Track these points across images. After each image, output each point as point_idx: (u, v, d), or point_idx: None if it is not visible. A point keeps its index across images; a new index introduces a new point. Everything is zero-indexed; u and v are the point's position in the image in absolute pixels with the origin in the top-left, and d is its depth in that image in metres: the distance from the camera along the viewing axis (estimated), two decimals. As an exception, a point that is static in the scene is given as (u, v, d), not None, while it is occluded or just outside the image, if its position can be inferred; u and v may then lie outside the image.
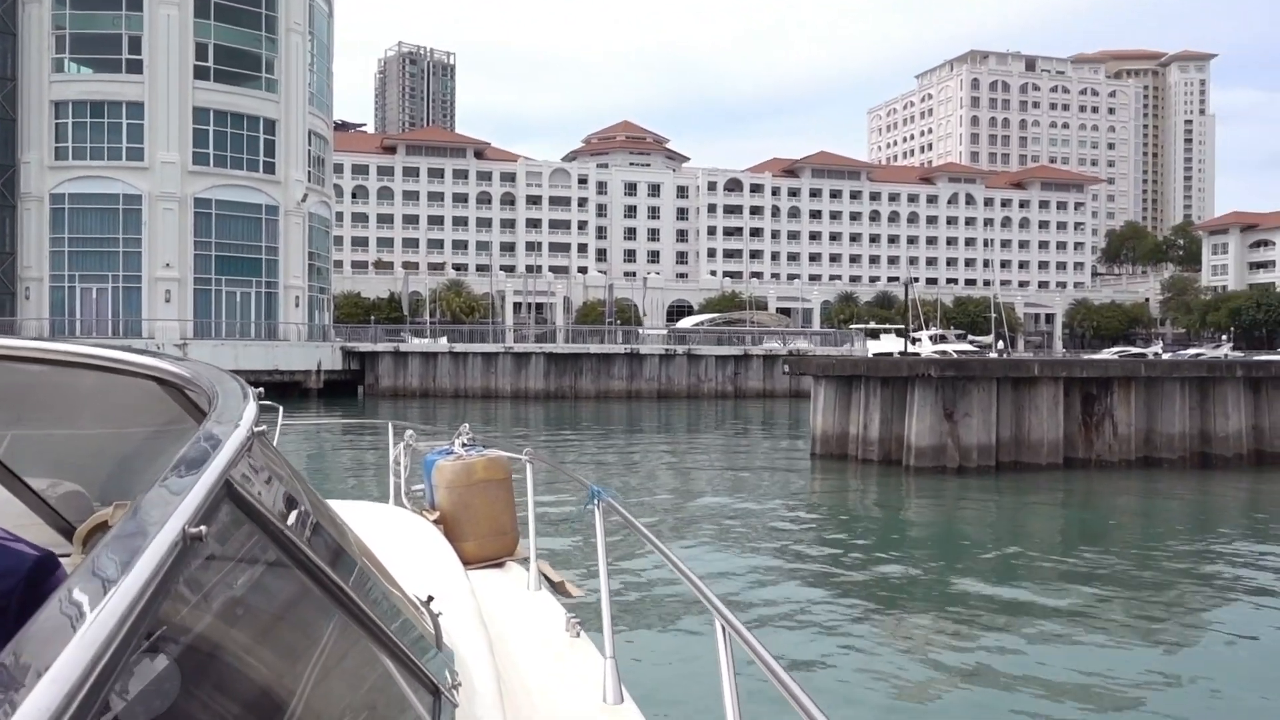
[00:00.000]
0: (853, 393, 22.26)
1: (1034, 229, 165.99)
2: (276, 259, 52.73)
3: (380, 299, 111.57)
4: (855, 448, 22.19)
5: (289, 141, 52.89)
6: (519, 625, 3.97)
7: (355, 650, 1.91)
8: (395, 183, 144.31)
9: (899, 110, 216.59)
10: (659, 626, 10.12)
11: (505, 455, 5.49)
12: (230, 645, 1.41)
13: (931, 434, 20.22)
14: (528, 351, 54.09)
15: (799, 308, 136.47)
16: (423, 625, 2.55)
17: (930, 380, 20.15)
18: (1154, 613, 11.82)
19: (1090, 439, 21.11)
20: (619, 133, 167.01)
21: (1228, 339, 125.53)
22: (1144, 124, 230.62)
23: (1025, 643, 10.23)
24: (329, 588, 1.81)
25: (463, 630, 3.04)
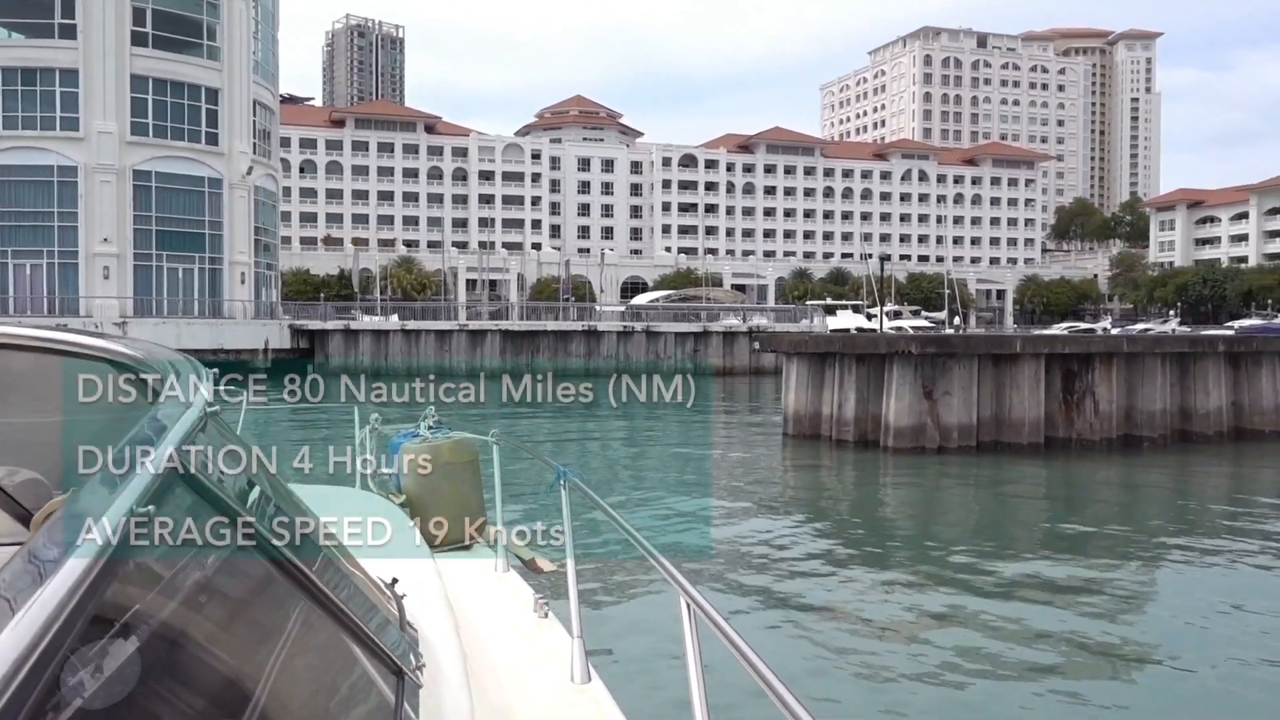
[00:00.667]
0: (826, 370, 21.44)
1: (985, 205, 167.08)
2: (221, 234, 50.78)
3: (330, 276, 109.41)
4: (829, 428, 21.41)
5: (232, 112, 50.87)
6: (486, 606, 3.95)
7: (317, 633, 1.89)
8: (344, 157, 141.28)
9: (852, 86, 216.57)
10: (627, 605, 10.19)
11: (471, 437, 5.46)
12: (190, 629, 1.41)
13: (910, 413, 19.48)
14: (483, 329, 52.85)
15: (754, 284, 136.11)
16: (386, 607, 2.52)
17: (909, 357, 19.38)
18: (1135, 596, 11.61)
19: (1071, 417, 20.51)
20: (572, 107, 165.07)
21: (1175, 314, 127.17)
22: (1092, 102, 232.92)
23: (1004, 625, 10.12)
24: (289, 570, 1.78)
25: (428, 612, 3.04)
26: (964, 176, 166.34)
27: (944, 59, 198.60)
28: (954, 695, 8.39)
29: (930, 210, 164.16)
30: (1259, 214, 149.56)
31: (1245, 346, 22.07)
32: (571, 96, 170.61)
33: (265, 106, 54.63)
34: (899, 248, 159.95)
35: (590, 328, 53.35)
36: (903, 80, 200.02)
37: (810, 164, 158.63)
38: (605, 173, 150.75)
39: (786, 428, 22.40)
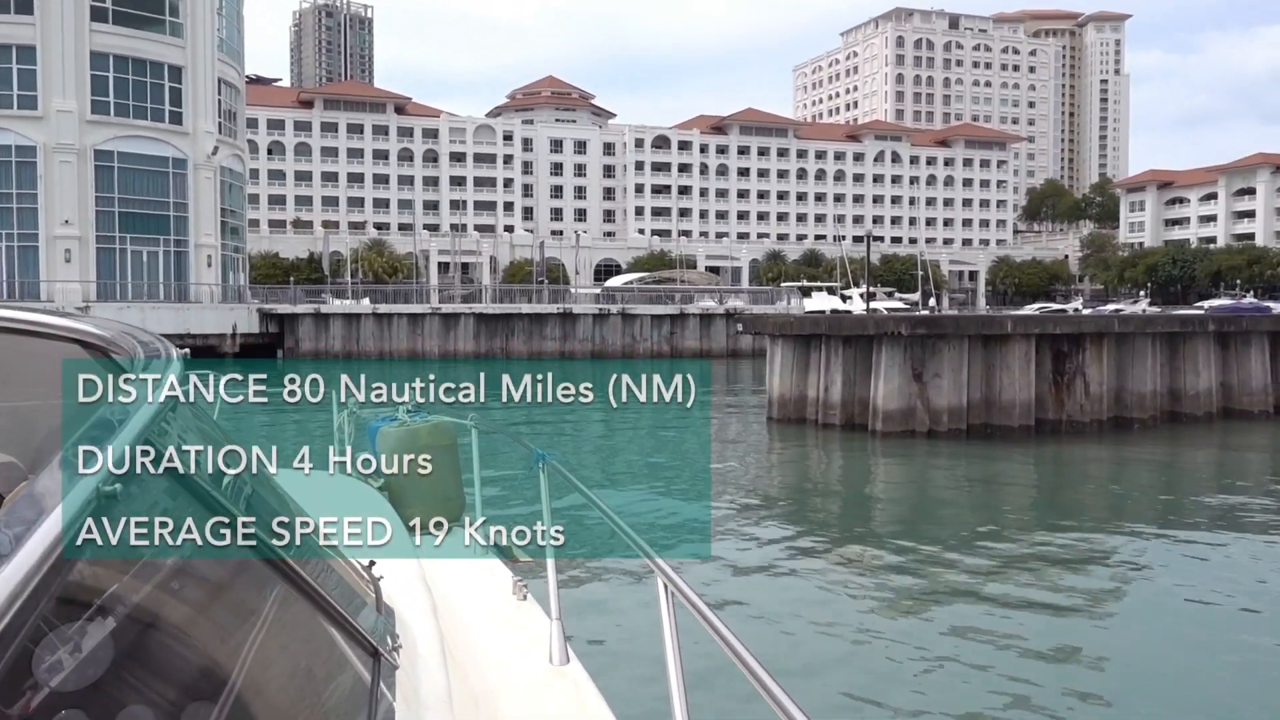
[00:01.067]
0: (811, 353, 20.92)
1: (958, 187, 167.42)
2: (186, 216, 49.55)
3: (300, 259, 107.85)
4: (815, 411, 20.90)
5: (197, 90, 49.59)
6: (465, 589, 3.93)
7: (294, 615, 1.90)
8: (313, 139, 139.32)
9: (824, 68, 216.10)
10: (605, 588, 10.25)
11: (450, 421, 5.43)
12: (163, 611, 1.42)
13: (899, 396, 18.99)
14: (456, 312, 52.01)
15: (728, 266, 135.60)
16: (362, 589, 2.52)
17: (898, 339, 18.87)
18: (1128, 583, 11.45)
19: (1061, 399, 20.12)
20: (544, 88, 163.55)
21: (1145, 295, 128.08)
22: (1062, 84, 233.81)
23: (992, 610, 10.00)
24: (256, 547, 1.79)
25: (405, 594, 3.03)
26: (936, 158, 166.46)
27: (916, 40, 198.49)
28: (938, 679, 8.32)
29: (903, 192, 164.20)
30: (1227, 195, 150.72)
31: (1235, 326, 21.77)
32: (544, 77, 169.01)
33: (230, 85, 53.35)
34: (872, 229, 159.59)
35: (565, 310, 52.61)
36: (875, 61, 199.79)
37: (784, 145, 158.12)
38: (578, 154, 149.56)
39: (771, 411, 21.86)
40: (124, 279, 48.12)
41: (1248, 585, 11.32)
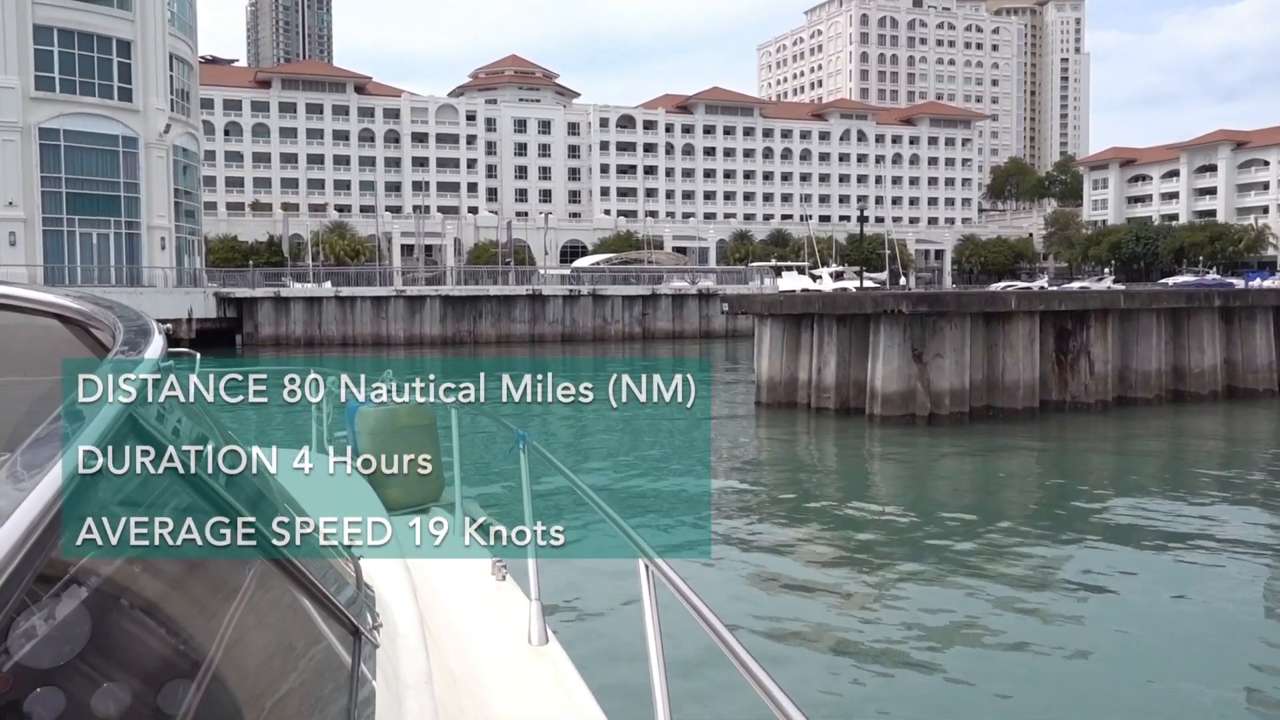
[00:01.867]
0: (802, 333, 19.81)
1: (924, 165, 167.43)
2: (137, 197, 47.51)
3: (259, 243, 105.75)
4: (807, 395, 19.81)
5: (147, 66, 47.50)
6: (445, 569, 3.94)
7: (274, 592, 1.90)
8: (271, 119, 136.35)
9: (789, 47, 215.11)
10: (585, 568, 10.21)
11: (430, 401, 4.05)
12: (143, 587, 1.44)
13: (899, 378, 17.92)
14: (422, 295, 50.48)
15: (695, 246, 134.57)
16: (342, 567, 2.48)
17: (898, 317, 17.77)
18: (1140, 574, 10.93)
19: (1065, 379, 19.18)
20: (507, 67, 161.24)
21: (1109, 272, 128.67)
22: (1024, 62, 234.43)
23: (991, 601, 9.66)
24: None
25: (385, 573, 3.03)
26: (902, 136, 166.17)
27: (880, 18, 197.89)
28: (933, 668, 8.08)
29: (869, 170, 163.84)
30: (1189, 172, 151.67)
31: (1240, 301, 20.93)
32: (506, 56, 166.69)
33: (183, 61, 51.26)
34: (838, 208, 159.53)
35: (535, 292, 51.21)
36: (839, 40, 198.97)
37: (749, 124, 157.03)
38: (542, 134, 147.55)
39: (760, 395, 20.72)
40: (72, 262, 46.08)
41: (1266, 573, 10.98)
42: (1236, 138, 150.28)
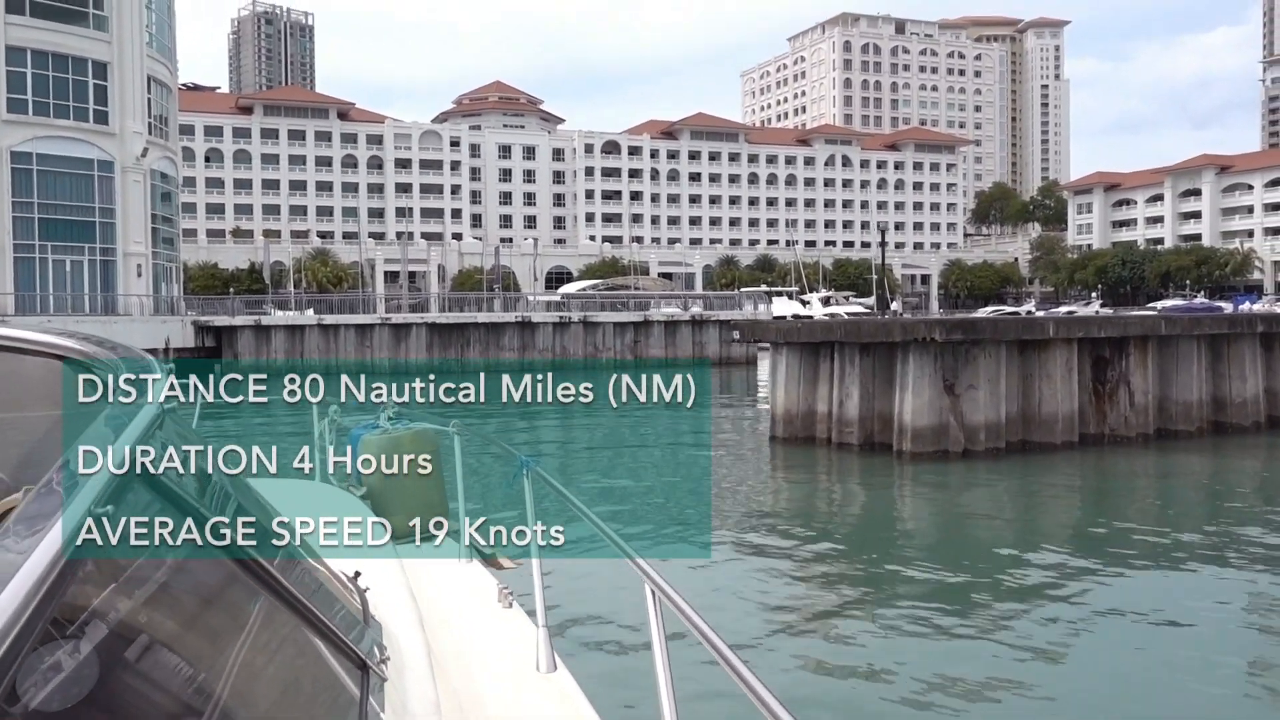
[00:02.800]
0: (821, 363, 18.49)
1: (909, 190, 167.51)
2: (113, 222, 45.94)
3: (240, 270, 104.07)
4: (827, 429, 18.46)
5: (124, 88, 46.08)
6: (450, 597, 3.94)
7: (280, 628, 1.92)
8: (253, 145, 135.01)
9: (772, 73, 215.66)
10: (591, 595, 10.00)
11: (432, 428, 5.41)
12: (150, 628, 1.45)
13: (930, 411, 16.60)
14: (407, 323, 49.02)
15: (681, 272, 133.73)
16: (349, 601, 2.51)
17: (929, 346, 16.47)
18: (1200, 626, 10.05)
19: (1103, 410, 17.91)
20: (491, 93, 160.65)
21: (1096, 296, 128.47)
22: (1006, 88, 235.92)
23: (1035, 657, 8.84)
24: (250, 566, 1.81)
25: (392, 605, 3.03)
26: (886, 161, 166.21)
27: (863, 45, 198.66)
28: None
29: (854, 195, 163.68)
30: (1173, 196, 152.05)
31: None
32: (491, 82, 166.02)
33: (161, 83, 49.85)
34: (824, 233, 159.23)
35: (524, 319, 49.82)
36: (823, 66, 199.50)
37: (735, 150, 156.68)
38: (527, 160, 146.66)
39: (774, 429, 19.35)
40: (45, 290, 44.39)
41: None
42: (1220, 162, 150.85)
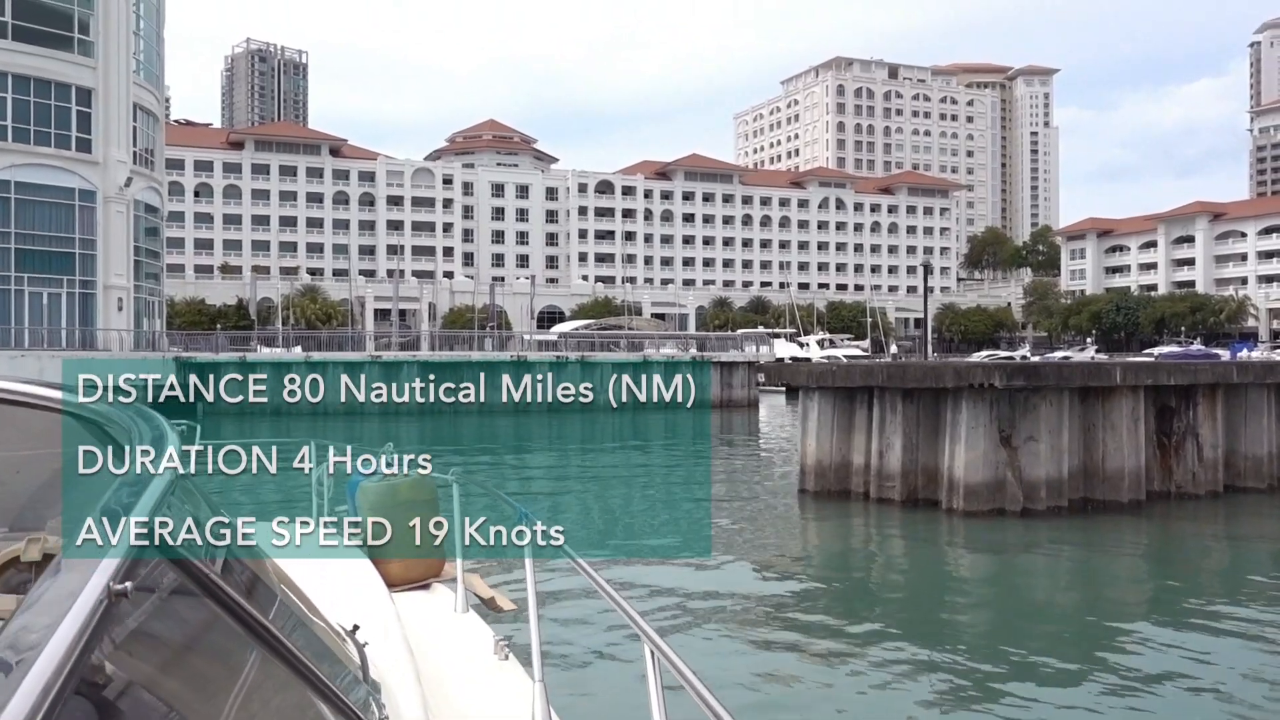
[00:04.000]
0: (857, 410, 16.81)
1: (902, 234, 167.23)
2: (93, 254, 44.18)
3: (227, 307, 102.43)
4: (864, 483, 16.73)
5: (109, 115, 44.53)
6: (447, 649, 3.90)
7: (280, 689, 1.92)
8: (243, 181, 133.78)
9: (765, 116, 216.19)
10: (590, 650, 9.77)
11: (432, 476, 5.33)
12: (154, 691, 1.46)
13: (985, 465, 14.90)
14: (398, 360, 47.24)
15: (675, 313, 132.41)
16: (347, 658, 2.52)
17: (984, 393, 14.81)
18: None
19: (1169, 465, 16.25)
20: (485, 131, 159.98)
21: (1092, 341, 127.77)
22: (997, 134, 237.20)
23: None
24: (253, 628, 1.83)
25: (389, 659, 3.06)
26: (880, 205, 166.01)
27: (856, 89, 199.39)
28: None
29: (847, 238, 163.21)
30: (1167, 243, 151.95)
31: (1352, 374, 18.19)
32: (484, 121, 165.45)
33: (148, 112, 48.35)
34: (817, 276, 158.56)
35: (520, 358, 48.08)
36: (816, 109, 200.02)
37: (729, 191, 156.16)
38: (520, 199, 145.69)
39: (804, 482, 17.59)
40: (20, 323, 42.47)
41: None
42: (1213, 209, 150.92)
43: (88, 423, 2.50)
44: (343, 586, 3.78)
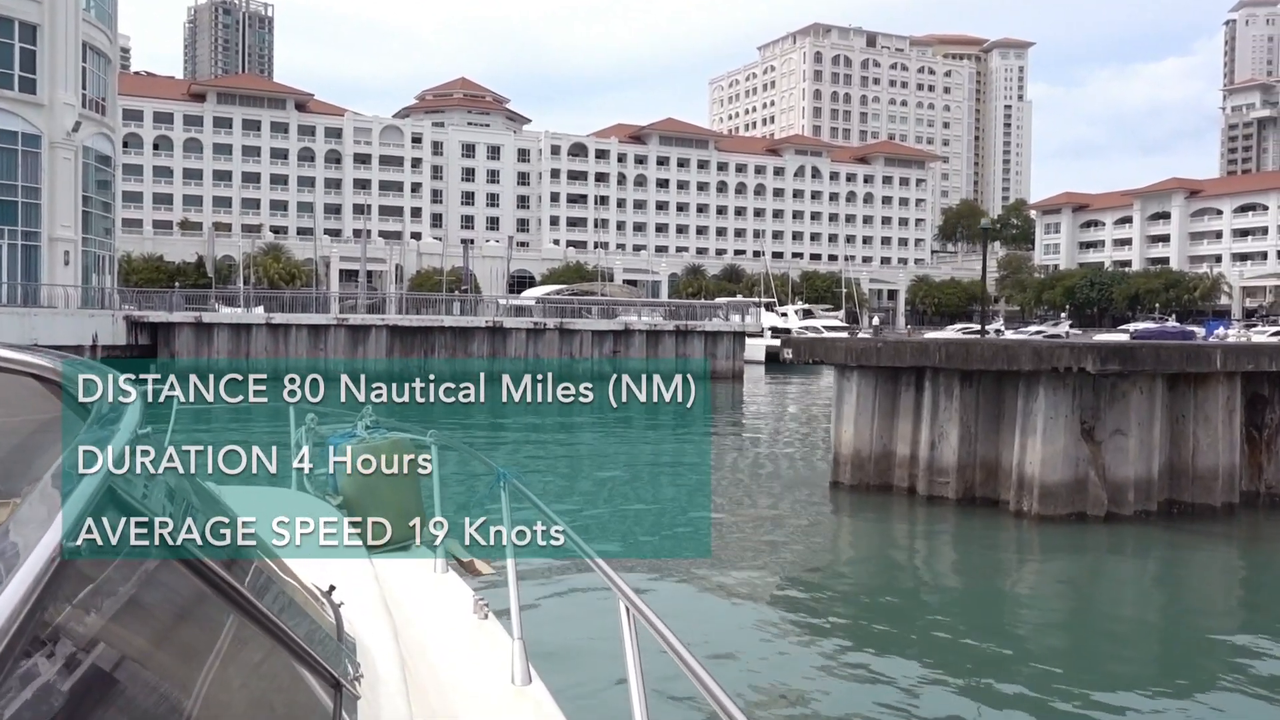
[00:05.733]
0: (902, 392, 14.60)
1: (878, 204, 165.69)
2: (38, 203, 40.98)
3: (187, 264, 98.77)
4: (908, 476, 14.55)
5: (55, 54, 41.18)
6: (425, 609, 3.91)
7: (251, 648, 1.92)
8: (204, 134, 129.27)
9: (741, 81, 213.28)
10: (568, 607, 9.71)
11: (409, 437, 5.38)
12: (120, 650, 1.47)
13: (1065, 463, 12.74)
14: (366, 324, 44.57)
15: (647, 280, 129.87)
16: (322, 617, 2.50)
17: (1065, 378, 12.61)
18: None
19: (1259, 462, 14.20)
20: (456, 90, 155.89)
21: (1065, 317, 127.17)
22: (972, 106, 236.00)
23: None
24: (220, 585, 1.81)
25: (366, 619, 3.01)
26: (856, 174, 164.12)
27: (834, 56, 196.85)
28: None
29: (822, 208, 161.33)
30: (1142, 219, 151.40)
31: None
32: (456, 79, 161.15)
33: (99, 52, 44.97)
34: (791, 245, 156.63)
35: (495, 324, 45.56)
36: (793, 77, 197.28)
37: (704, 157, 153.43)
38: (491, 160, 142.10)
39: (838, 474, 15.35)
40: (-45, 277, 39.49)
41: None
42: (1190, 186, 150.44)
43: (51, 384, 2.42)
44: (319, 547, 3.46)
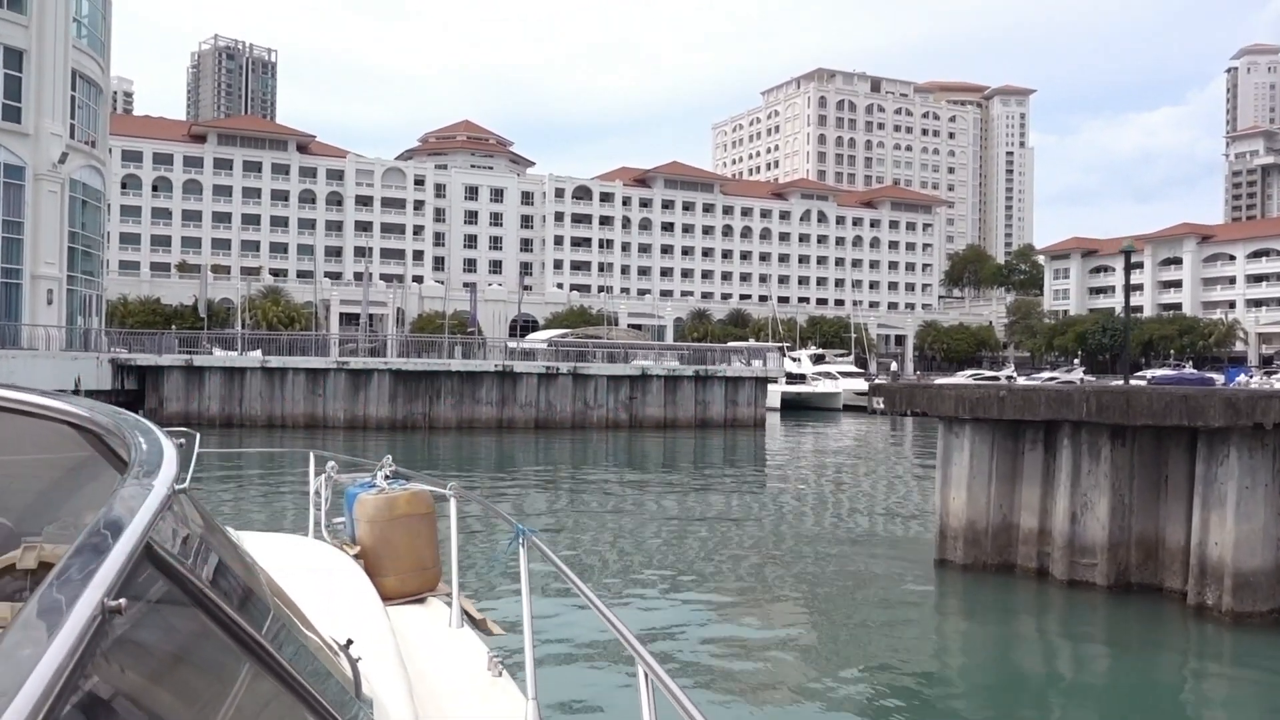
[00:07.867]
0: (1026, 451, 11.87)
1: (884, 249, 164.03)
2: (20, 238, 38.46)
3: (184, 307, 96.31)
4: (1036, 555, 11.77)
5: (42, 81, 38.91)
6: (440, 664, 3.87)
7: (272, 703, 1.91)
8: (205, 175, 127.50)
9: (745, 126, 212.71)
10: (583, 669, 9.35)
11: (428, 489, 5.29)
12: (145, 706, 1.45)
13: (1267, 545, 10.00)
14: (368, 369, 41.84)
15: (652, 324, 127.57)
16: (341, 673, 2.52)
17: (1263, 436, 9.90)
18: None
19: None
20: (460, 132, 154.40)
21: (1079, 362, 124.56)
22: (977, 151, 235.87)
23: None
24: (245, 643, 1.82)
25: (382, 674, 3.04)
26: (863, 219, 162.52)
27: (839, 101, 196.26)
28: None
29: (829, 252, 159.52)
30: (1153, 264, 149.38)
31: None
32: (459, 121, 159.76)
33: (90, 81, 42.69)
34: (798, 289, 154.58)
35: (505, 368, 42.81)
36: (797, 121, 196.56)
37: (709, 200, 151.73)
38: (494, 202, 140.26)
39: (946, 550, 12.53)
40: (-71, 316, 36.86)
41: None
42: (1201, 231, 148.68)
43: (86, 433, 2.45)
44: (337, 599, 3.50)
